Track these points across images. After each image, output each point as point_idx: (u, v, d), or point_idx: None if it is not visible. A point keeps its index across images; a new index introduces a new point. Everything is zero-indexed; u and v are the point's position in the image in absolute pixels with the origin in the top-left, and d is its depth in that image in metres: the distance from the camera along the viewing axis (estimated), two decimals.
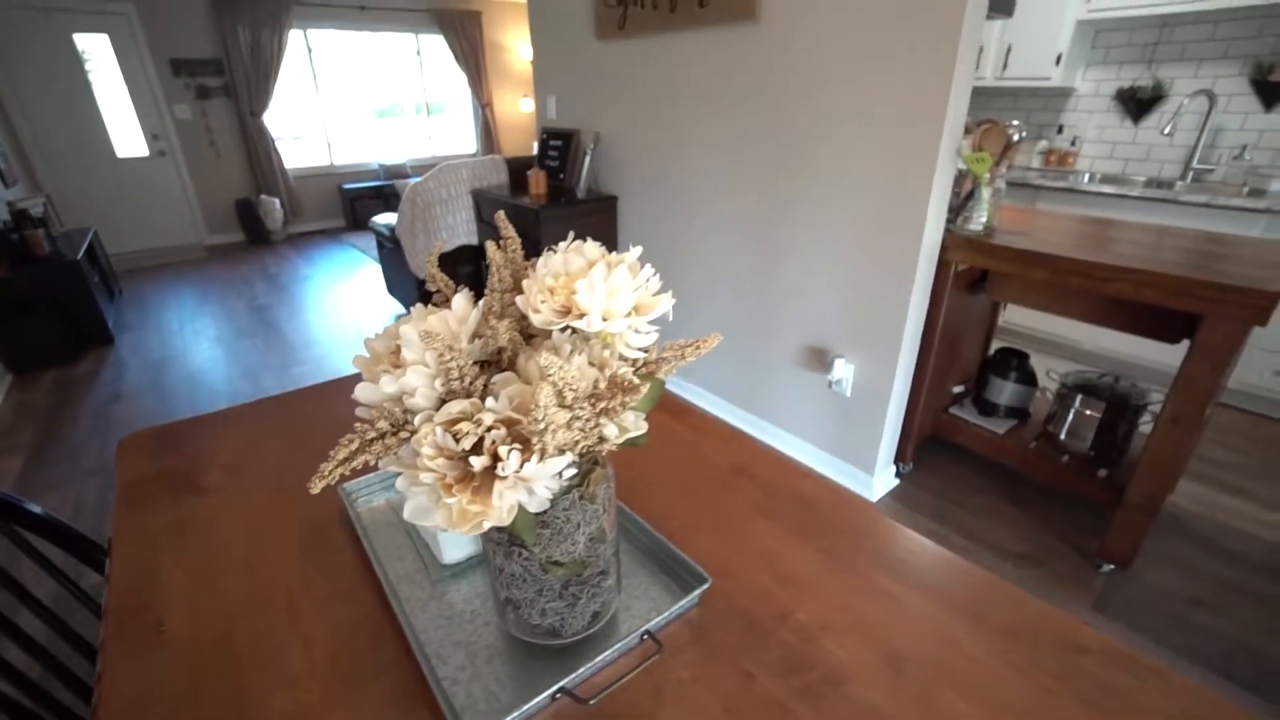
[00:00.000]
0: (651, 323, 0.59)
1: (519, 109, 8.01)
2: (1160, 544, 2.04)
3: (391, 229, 3.61)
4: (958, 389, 2.44)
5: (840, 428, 2.26)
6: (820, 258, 2.13)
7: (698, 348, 0.62)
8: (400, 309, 4.16)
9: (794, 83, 2.03)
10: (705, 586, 0.72)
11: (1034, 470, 2.17)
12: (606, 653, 0.64)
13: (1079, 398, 2.10)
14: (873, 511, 0.91)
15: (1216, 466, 2.46)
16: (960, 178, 1.88)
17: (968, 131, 1.75)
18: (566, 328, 0.56)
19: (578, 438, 0.51)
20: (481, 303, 0.60)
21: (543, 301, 0.55)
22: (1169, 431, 1.65)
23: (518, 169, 3.40)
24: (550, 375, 0.46)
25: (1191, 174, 3.16)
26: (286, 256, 5.83)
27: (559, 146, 3.14)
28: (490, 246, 0.63)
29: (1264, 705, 1.51)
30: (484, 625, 0.71)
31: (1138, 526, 1.79)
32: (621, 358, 0.58)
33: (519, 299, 0.56)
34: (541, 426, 0.46)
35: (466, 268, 3.48)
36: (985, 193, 1.84)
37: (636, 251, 0.60)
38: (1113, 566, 1.90)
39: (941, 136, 1.69)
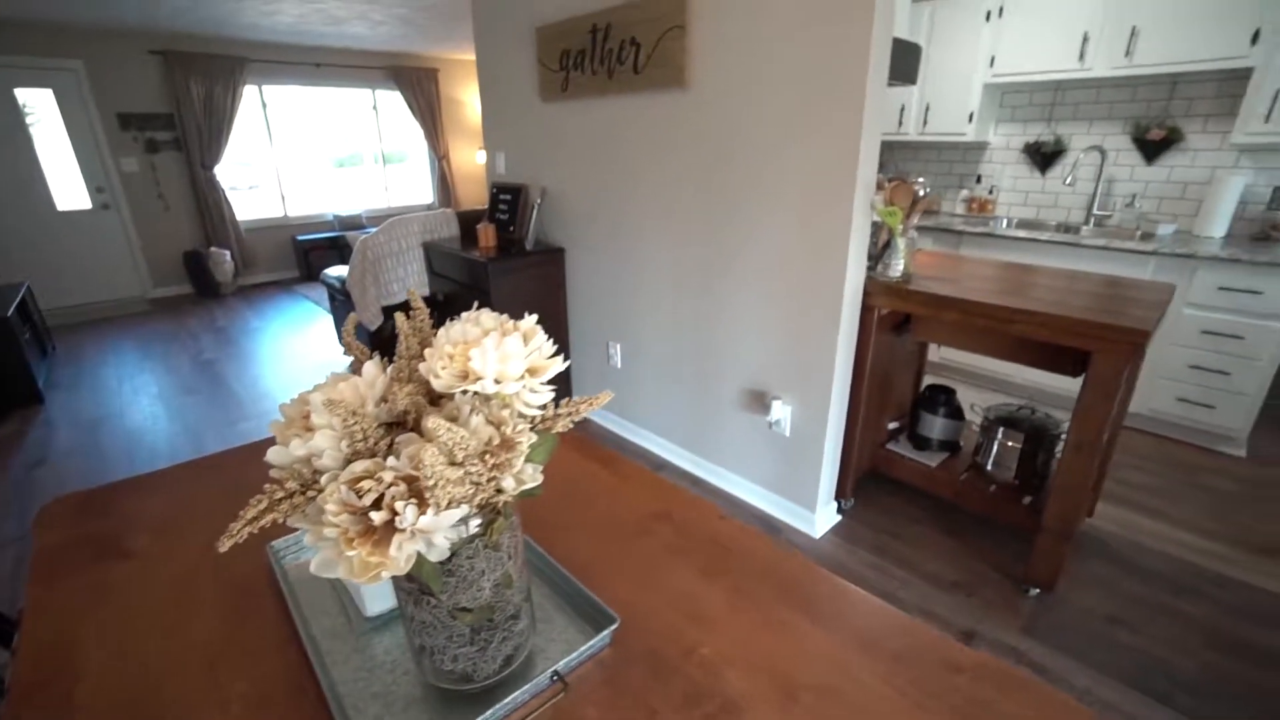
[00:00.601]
0: (549, 385, 0.66)
1: (475, 161, 8.18)
2: (1083, 565, 2.15)
3: (343, 281, 3.62)
4: (893, 425, 2.56)
5: (782, 467, 2.34)
6: (754, 304, 2.24)
7: (590, 404, 0.68)
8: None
9: (722, 144, 2.18)
10: (614, 626, 0.77)
11: (966, 500, 2.28)
12: (515, 694, 0.68)
13: (1001, 430, 2.23)
14: (782, 549, 0.97)
15: (1133, 489, 2.62)
16: (877, 229, 2.03)
17: (880, 188, 1.90)
18: (466, 390, 0.61)
19: (472, 491, 0.56)
20: (391, 368, 0.66)
21: (443, 368, 0.60)
22: (1074, 458, 1.78)
23: (470, 222, 3.49)
24: (438, 437, 0.52)
25: (1093, 219, 3.45)
26: (236, 309, 5.74)
27: (508, 200, 3.24)
28: (399, 317, 0.69)
29: (1173, 716, 1.60)
30: (403, 675, 0.74)
31: (1056, 550, 1.90)
32: (520, 415, 0.64)
33: (422, 365, 0.62)
34: (431, 483, 0.51)
35: (468, 313, 3.50)
36: (900, 243, 2.00)
37: (531, 320, 0.67)
38: (1038, 590, 2.00)
39: (855, 193, 1.84)
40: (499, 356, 0.60)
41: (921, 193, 1.89)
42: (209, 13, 4.84)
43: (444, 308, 3.27)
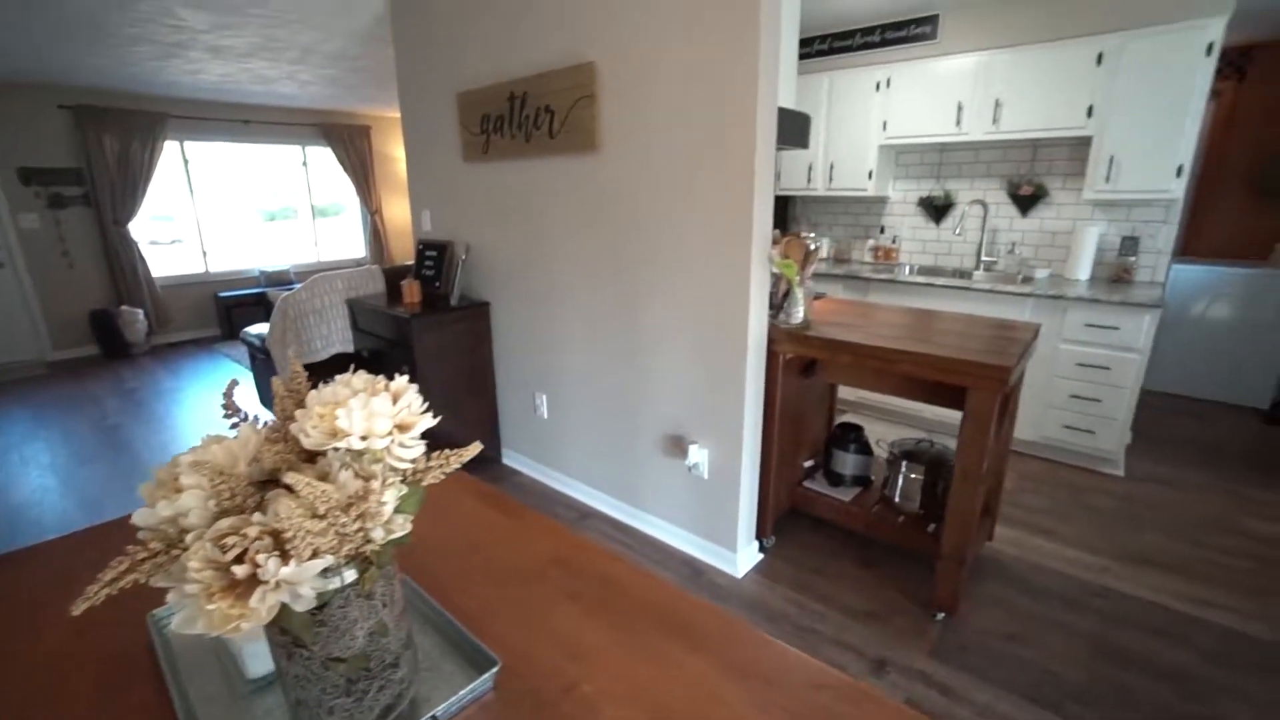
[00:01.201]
0: (419, 440, 0.71)
1: (409, 216, 8.20)
2: (985, 587, 2.29)
3: (264, 339, 3.54)
4: (809, 463, 2.69)
5: (703, 510, 2.41)
6: (668, 352, 2.35)
7: (459, 456, 0.74)
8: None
9: (631, 203, 2.32)
10: (495, 669, 0.80)
11: (878, 532, 2.40)
12: None
13: (904, 463, 2.39)
14: (668, 588, 1.03)
15: (1029, 511, 2.82)
16: (777, 280, 2.19)
17: (776, 242, 2.07)
18: (338, 447, 0.66)
19: (338, 542, 0.60)
20: (266, 428, 0.70)
21: (313, 426, 0.65)
22: (961, 487, 1.93)
23: (397, 278, 3.50)
24: (298, 491, 0.56)
25: (982, 265, 3.79)
26: (148, 369, 5.45)
27: (434, 257, 3.29)
28: (275, 381, 0.73)
29: None
30: None
31: (954, 575, 2.03)
32: (392, 469, 0.69)
33: (293, 425, 0.66)
34: (290, 534, 0.55)
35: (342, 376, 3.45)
36: (799, 292, 2.16)
37: (403, 380, 0.73)
38: (944, 614, 2.12)
39: (751, 247, 1.99)
40: (365, 415, 0.65)
41: (812, 246, 2.06)
42: (130, 71, 4.77)
43: (369, 365, 3.24)
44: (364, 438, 0.65)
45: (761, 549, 2.48)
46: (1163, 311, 4.26)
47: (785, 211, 4.70)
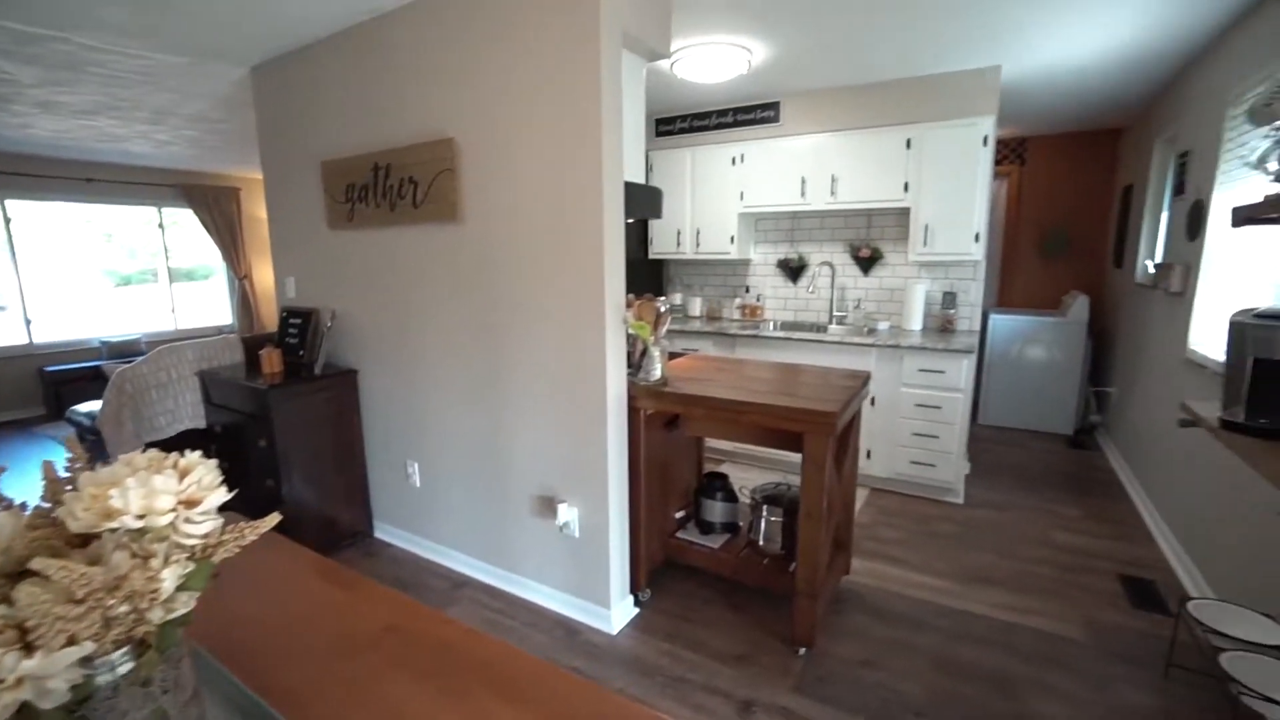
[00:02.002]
0: (208, 515, 0.71)
1: None
2: (844, 619, 2.45)
3: (94, 418, 3.20)
4: (680, 514, 2.79)
5: (577, 568, 2.42)
6: (533, 414, 2.40)
7: (255, 529, 0.75)
8: None
9: (493, 271, 2.40)
10: None
11: (746, 575, 2.52)
12: None
13: (765, 507, 2.54)
14: (502, 646, 1.05)
15: (883, 543, 3.07)
16: (634, 340, 2.33)
17: (630, 305, 2.21)
18: (115, 529, 0.65)
19: (102, 628, 0.60)
20: (28, 515, 0.68)
21: (84, 509, 0.64)
22: (806, 525, 2.09)
23: (257, 347, 3.32)
24: (49, 576, 0.56)
25: (834, 319, 4.20)
26: None
27: (298, 324, 3.17)
28: (45, 463, 0.72)
29: None
30: None
31: (810, 610, 2.17)
32: (178, 546, 0.69)
33: (60, 509, 0.65)
34: (33, 624, 0.55)
35: (126, 455, 3.17)
36: (655, 351, 2.31)
37: (195, 455, 0.73)
38: (805, 649, 2.24)
39: (605, 311, 2.12)
40: (144, 494, 0.65)
41: (663, 308, 2.23)
42: None
43: (222, 440, 3.02)
44: (142, 516, 0.65)
45: (637, 603, 2.52)
46: (986, 355, 4.90)
47: (661, 273, 4.98)
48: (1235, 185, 2.53)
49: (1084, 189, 5.24)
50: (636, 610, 2.49)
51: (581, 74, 2.05)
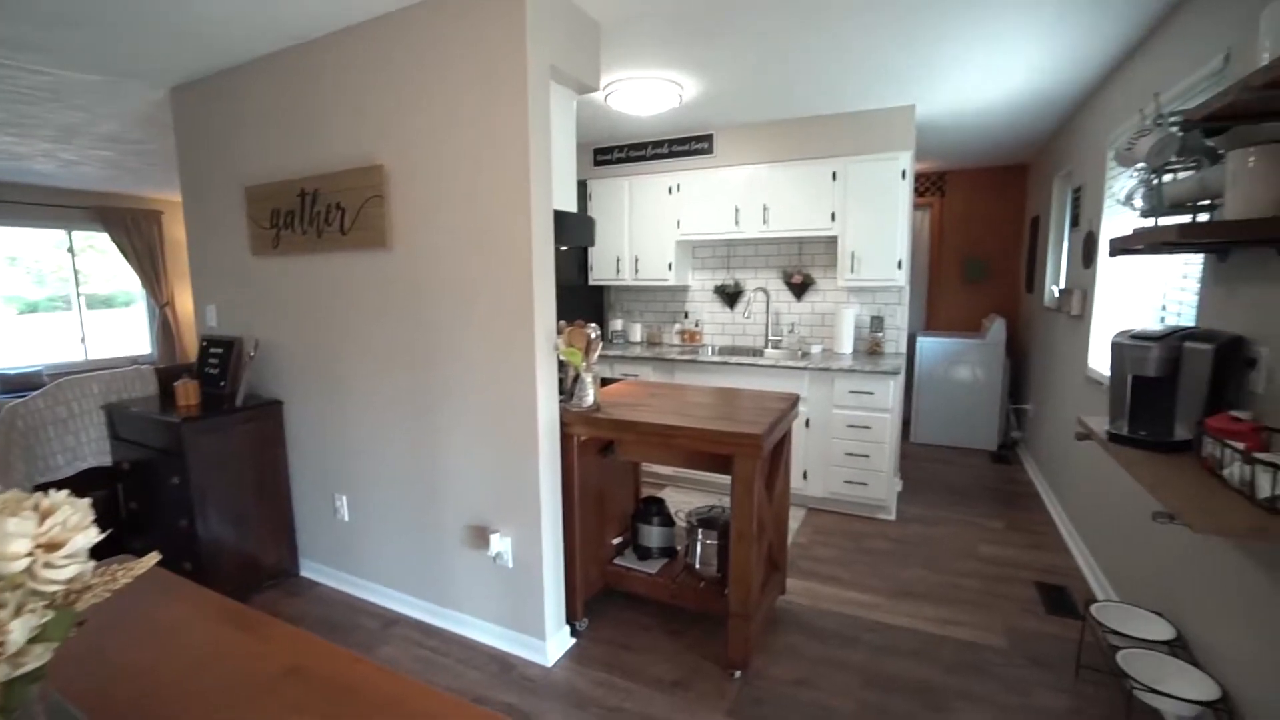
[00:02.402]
0: (74, 559, 0.68)
1: None
2: (779, 639, 2.48)
3: None
4: (617, 540, 2.78)
5: (511, 600, 2.37)
6: (465, 443, 2.37)
7: (129, 571, 0.72)
8: None
9: (423, 298, 2.38)
10: None
11: (683, 599, 2.52)
12: None
13: (701, 530, 2.56)
14: (409, 684, 1.02)
15: (819, 562, 3.13)
16: (566, 366, 2.34)
17: (560, 332, 2.23)
18: None
19: None
20: None
21: None
22: (738, 547, 2.12)
23: (173, 378, 3.15)
24: None
25: (770, 344, 4.32)
26: None
27: (219, 354, 3.04)
28: None
29: None
30: None
31: (743, 631, 2.19)
32: (35, 593, 0.65)
33: None
34: None
35: (99, 492, 2.97)
36: (587, 378, 2.32)
37: (61, 495, 0.70)
38: (740, 672, 2.25)
39: (535, 338, 2.13)
40: None
41: (593, 335, 2.25)
42: None
43: (130, 478, 2.84)
44: None
45: (574, 633, 2.48)
46: (915, 376, 5.13)
47: (602, 300, 5.02)
48: (1117, 218, 2.78)
49: (998, 219, 5.61)
50: (573, 640, 2.46)
51: (510, 105, 2.08)
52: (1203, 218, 1.74)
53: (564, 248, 2.57)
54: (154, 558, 0.74)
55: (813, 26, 2.53)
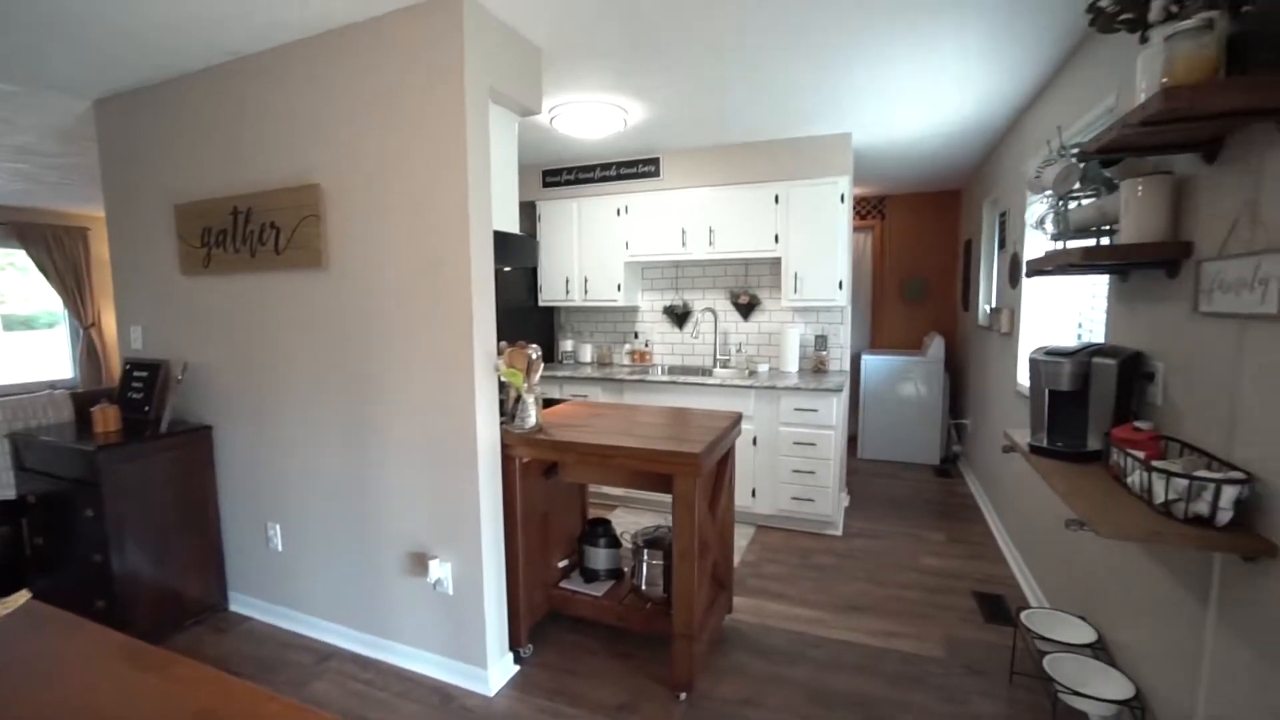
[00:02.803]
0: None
1: None
2: (726, 658, 2.48)
3: None
4: (563, 563, 2.74)
5: (452, 628, 2.31)
6: (404, 467, 2.31)
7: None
8: None
9: (360, 319, 2.33)
10: None
11: (630, 622, 2.50)
12: None
13: (646, 551, 2.55)
14: (314, 716, 0.98)
15: (767, 579, 3.16)
16: (507, 388, 2.32)
17: (501, 353, 2.21)
18: None
19: None
20: None
21: None
22: (679, 566, 2.12)
23: (91, 403, 2.97)
24: None
25: (719, 363, 4.38)
26: None
27: (144, 378, 2.89)
28: None
29: None
30: None
31: (687, 652, 2.18)
32: None
33: None
34: None
35: (2, 529, 2.76)
36: (529, 398, 2.30)
37: None
38: (685, 694, 2.24)
39: (474, 359, 2.11)
40: None
41: (534, 355, 2.24)
42: None
43: (37, 512, 2.65)
44: None
45: (518, 659, 2.42)
46: (861, 393, 5.27)
47: (552, 321, 5.00)
48: (1036, 241, 2.95)
49: (936, 242, 5.87)
50: (517, 668, 2.40)
51: (448, 125, 2.08)
52: (1105, 241, 1.87)
53: (507, 269, 2.57)
54: (22, 596, 0.69)
55: (747, 63, 2.63)
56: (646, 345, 4.69)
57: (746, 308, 4.36)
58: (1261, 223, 1.26)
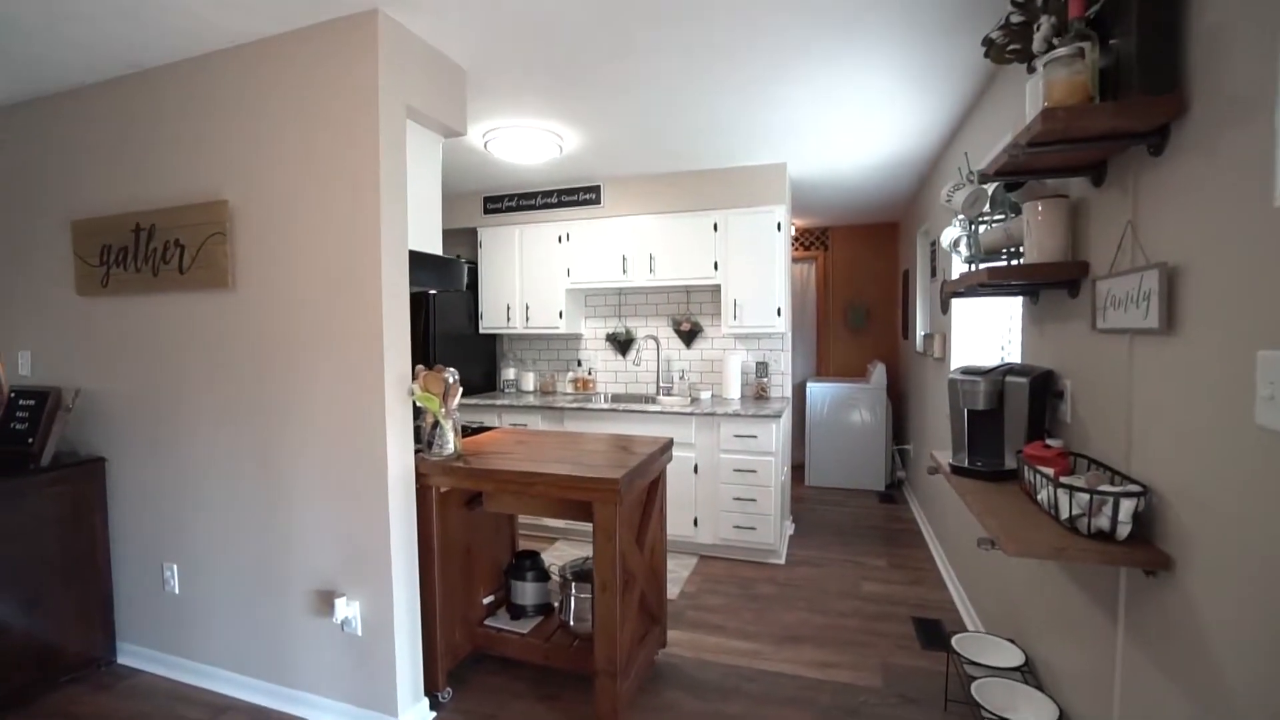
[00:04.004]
0: None
1: None
2: (657, 696, 2.36)
3: None
4: (489, 599, 2.60)
5: (361, 674, 2.14)
6: (311, 500, 2.16)
7: None
8: None
9: (270, 343, 2.20)
10: None
11: (557, 660, 2.37)
12: None
13: (574, 585, 2.44)
14: None
15: (706, 611, 3.06)
16: (425, 413, 2.21)
17: (416, 377, 2.11)
18: None
19: None
20: None
21: None
22: (601, 599, 2.02)
23: None
24: None
25: (662, 390, 4.34)
26: None
27: (30, 407, 2.66)
28: None
29: None
30: None
31: (610, 690, 2.06)
32: None
33: None
34: None
35: None
36: (446, 425, 2.20)
37: None
38: None
39: (385, 383, 2.00)
40: None
41: (451, 380, 2.15)
42: None
43: None
44: None
45: (435, 705, 2.26)
46: (807, 421, 5.30)
47: (495, 348, 4.90)
48: (956, 271, 3.03)
49: (877, 271, 6.03)
50: (433, 715, 2.23)
51: (361, 143, 2.02)
52: (1014, 264, 1.91)
53: (434, 291, 2.49)
54: None
55: (673, 92, 2.66)
56: (590, 373, 4.62)
57: (689, 335, 4.36)
58: (1138, 242, 1.30)
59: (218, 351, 2.31)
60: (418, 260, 2.24)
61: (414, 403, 2.12)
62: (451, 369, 2.16)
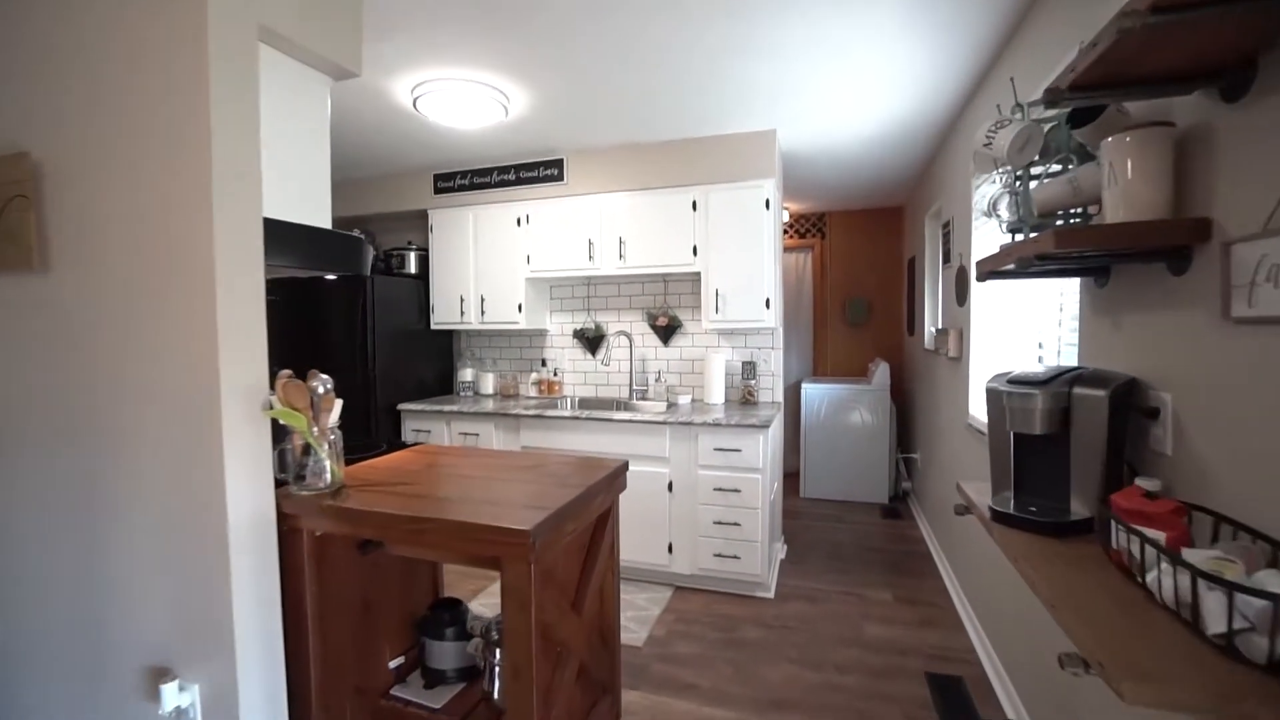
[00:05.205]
0: None
1: None
2: None
3: None
4: (397, 662, 2.07)
5: None
6: (140, 549, 1.63)
7: None
8: None
9: (93, 339, 1.66)
10: None
11: None
12: None
13: (497, 650, 1.91)
14: None
15: (675, 665, 2.54)
16: (294, 435, 1.68)
17: (274, 388, 1.58)
18: None
19: None
20: None
21: None
22: (514, 687, 1.49)
23: None
24: None
25: (636, 394, 3.80)
26: None
27: None
28: None
29: None
30: None
31: None
32: None
33: None
34: None
35: None
36: (321, 448, 1.67)
37: None
38: None
39: (220, 396, 1.47)
40: None
41: (321, 390, 1.62)
42: None
43: None
44: None
45: None
46: (803, 426, 4.77)
47: (451, 346, 4.36)
48: (986, 246, 2.50)
49: (878, 261, 5.50)
50: None
51: (189, 75, 1.48)
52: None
53: (332, 277, 1.96)
54: None
55: (633, 30, 2.12)
56: (556, 374, 4.08)
57: (666, 330, 3.82)
58: None
59: (25, 353, 1.75)
60: (290, 235, 1.70)
61: (276, 421, 1.58)
62: (325, 376, 1.63)
